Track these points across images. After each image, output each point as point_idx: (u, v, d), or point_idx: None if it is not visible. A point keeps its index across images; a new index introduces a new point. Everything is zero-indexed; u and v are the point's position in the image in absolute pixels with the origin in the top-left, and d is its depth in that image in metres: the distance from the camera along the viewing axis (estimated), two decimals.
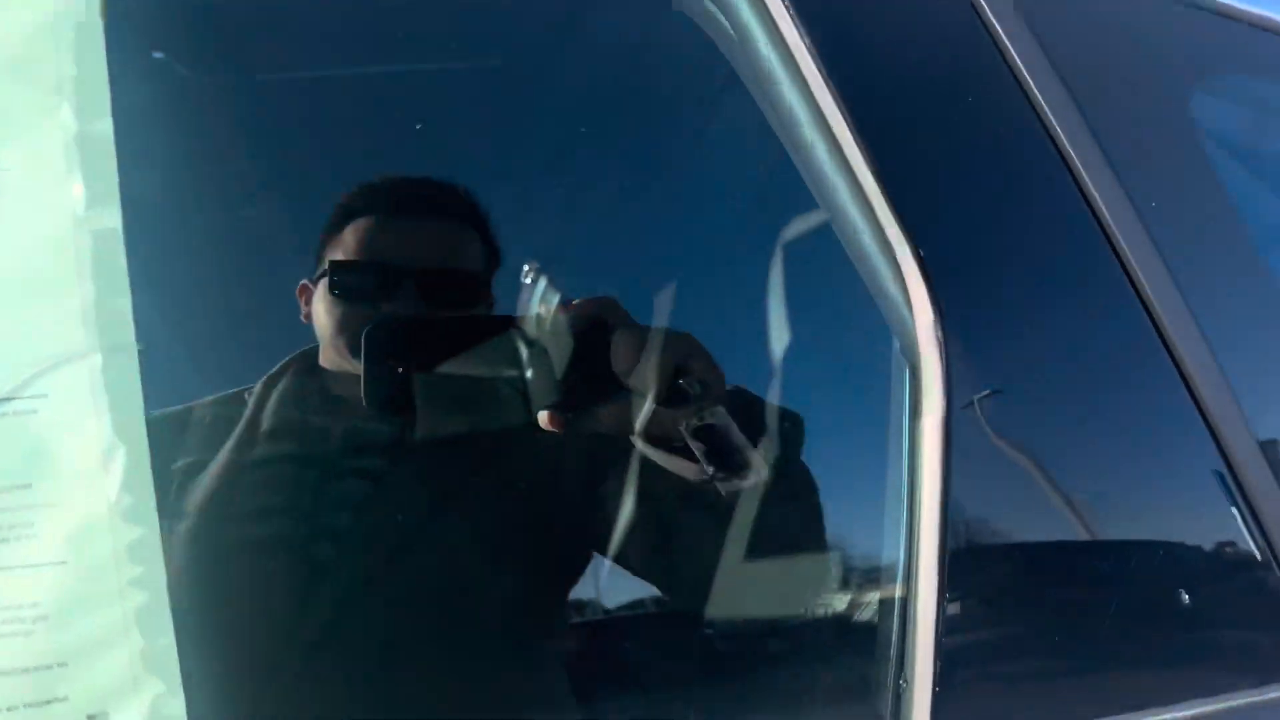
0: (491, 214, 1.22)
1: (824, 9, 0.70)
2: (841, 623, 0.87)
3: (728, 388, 0.87)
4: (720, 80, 0.78)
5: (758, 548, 0.88)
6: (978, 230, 0.70)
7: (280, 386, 1.24)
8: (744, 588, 0.91)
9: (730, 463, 0.83)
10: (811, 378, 0.82)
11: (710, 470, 0.82)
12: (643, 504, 1.01)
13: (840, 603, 0.91)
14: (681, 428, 0.83)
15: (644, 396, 0.83)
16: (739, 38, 0.75)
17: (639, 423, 0.85)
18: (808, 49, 0.67)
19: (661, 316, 0.89)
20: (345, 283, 1.12)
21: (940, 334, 0.62)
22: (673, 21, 0.83)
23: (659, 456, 0.87)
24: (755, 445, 0.85)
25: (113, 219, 0.56)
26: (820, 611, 0.92)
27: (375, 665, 1.02)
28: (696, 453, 0.82)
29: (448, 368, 0.81)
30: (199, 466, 1.14)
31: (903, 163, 0.67)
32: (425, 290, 1.11)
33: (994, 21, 0.75)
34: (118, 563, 0.56)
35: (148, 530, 0.56)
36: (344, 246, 1.15)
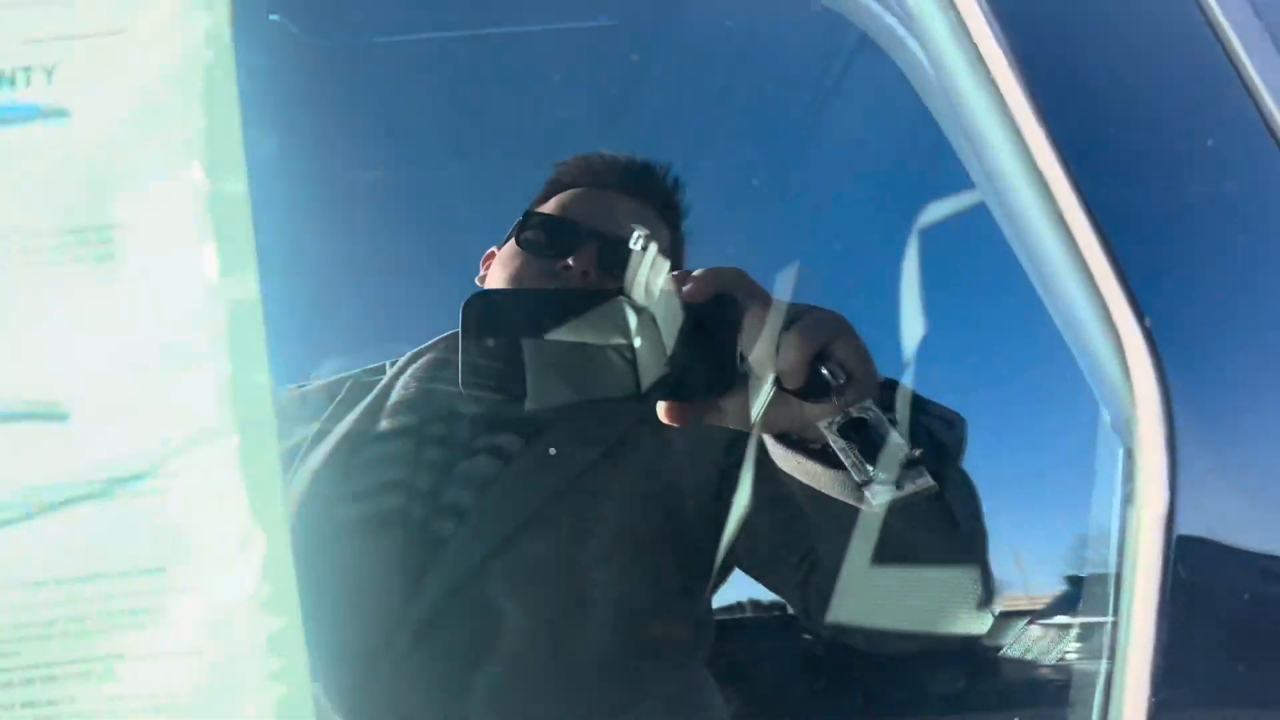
0: (689, 212, 1.21)
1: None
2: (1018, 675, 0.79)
3: (880, 379, 0.76)
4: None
5: (906, 572, 0.80)
6: (1219, 294, 0.60)
7: (424, 359, 1.22)
8: (888, 615, 0.83)
9: (882, 468, 0.72)
10: (995, 445, 0.73)
11: (857, 476, 0.72)
12: (773, 511, 0.94)
13: (1014, 648, 0.83)
14: (823, 425, 0.73)
15: (778, 385, 0.73)
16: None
17: (771, 416, 0.75)
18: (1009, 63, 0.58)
19: (803, 294, 0.78)
20: (533, 236, 1.15)
21: (1168, 418, 0.54)
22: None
23: (793, 459, 0.77)
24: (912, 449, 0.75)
25: (250, 288, 0.51)
26: (989, 652, 0.84)
27: (492, 660, 0.98)
28: (839, 454, 0.72)
29: (552, 346, 0.73)
30: (311, 437, 1.13)
31: (1120, 203, 0.58)
32: (605, 257, 1.11)
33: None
34: (256, 654, 0.52)
35: (289, 621, 0.52)
36: (544, 208, 1.18)
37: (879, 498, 0.71)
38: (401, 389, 1.16)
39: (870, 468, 0.71)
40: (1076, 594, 0.68)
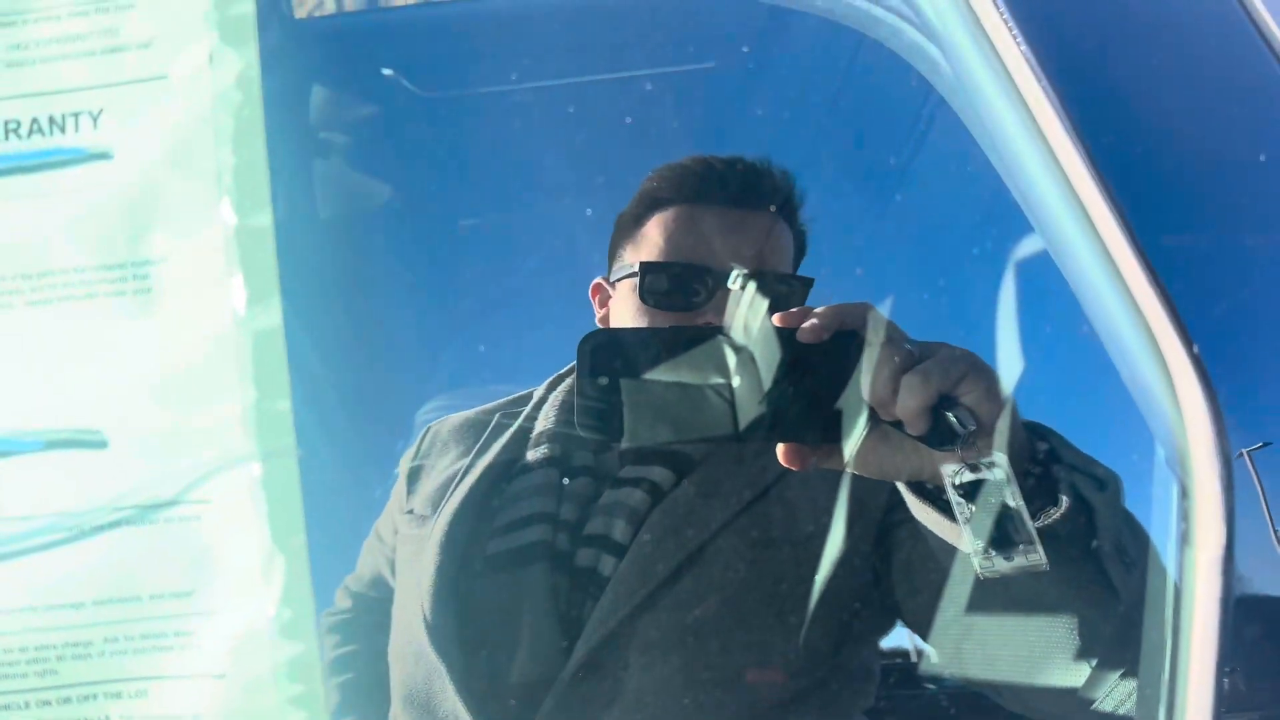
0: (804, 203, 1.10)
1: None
2: None
3: (1025, 425, 0.68)
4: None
5: (1058, 638, 0.74)
6: (1274, 318, 0.56)
7: (565, 384, 1.21)
8: (1038, 678, 0.77)
9: (995, 534, 0.64)
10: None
11: (966, 543, 0.66)
12: (930, 561, 0.89)
13: None
14: (946, 476, 0.66)
15: (901, 430, 0.67)
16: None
17: (897, 462, 0.70)
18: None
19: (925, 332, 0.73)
20: (658, 287, 1.04)
21: (1222, 452, 0.50)
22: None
23: (922, 508, 0.71)
24: (1046, 513, 0.67)
25: (273, 317, 0.53)
26: None
27: (653, 706, 0.96)
28: (956, 513, 0.66)
29: (651, 384, 0.70)
30: (461, 471, 1.13)
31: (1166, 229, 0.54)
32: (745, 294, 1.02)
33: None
34: (277, 679, 0.53)
35: (307, 647, 0.53)
36: (651, 243, 1.08)
37: (985, 566, 0.65)
38: (545, 419, 1.14)
39: (978, 535, 0.66)
40: (1135, 643, 0.63)
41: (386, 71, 1.93)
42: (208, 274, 0.53)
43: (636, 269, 1.05)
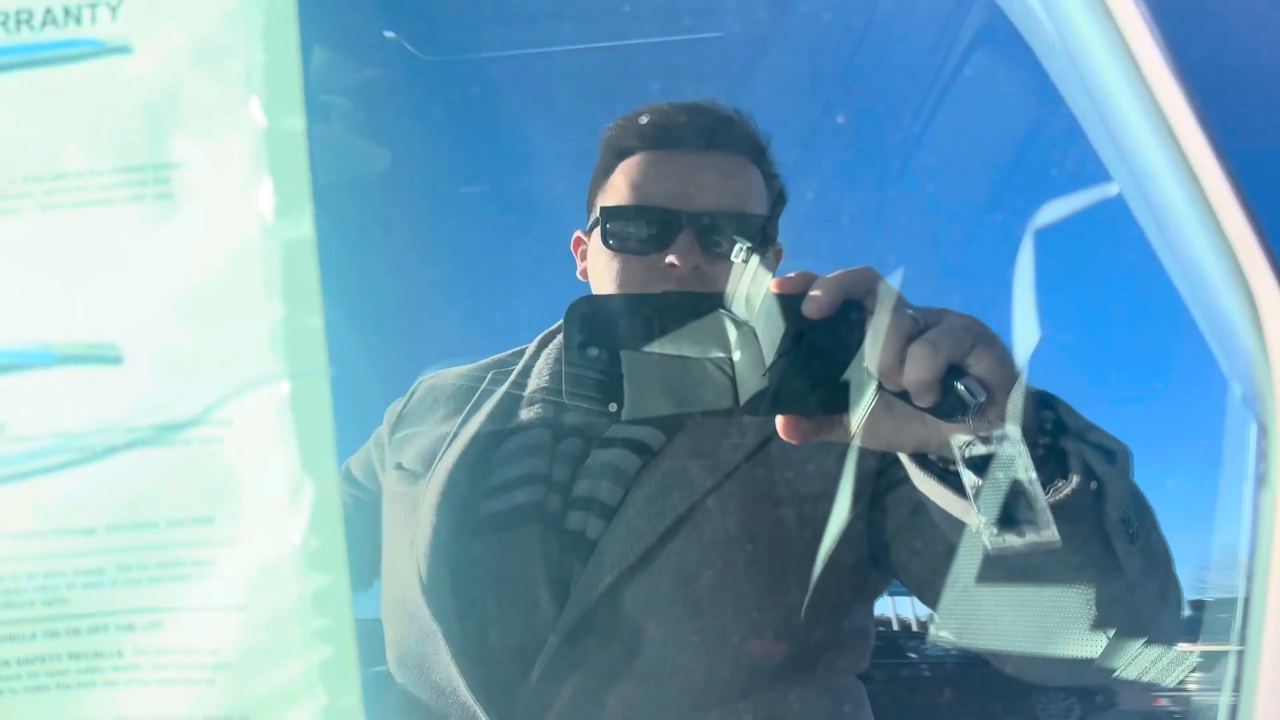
0: (773, 143, 1.09)
1: None
2: None
3: (1034, 395, 0.67)
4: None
5: (1057, 606, 0.73)
6: None
7: (555, 341, 1.18)
8: (1033, 645, 0.75)
9: (1006, 508, 0.62)
10: (1112, 416, 0.65)
11: (975, 517, 0.65)
12: (928, 524, 0.87)
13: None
14: (956, 446, 0.64)
15: (908, 401, 0.65)
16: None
17: (903, 434, 0.68)
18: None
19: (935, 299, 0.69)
20: (620, 231, 1.03)
21: None
22: None
23: (927, 481, 0.69)
24: (1056, 486, 0.66)
25: (305, 227, 0.49)
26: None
27: (645, 667, 0.93)
28: (967, 488, 0.63)
29: (651, 357, 0.67)
30: (454, 430, 1.10)
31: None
32: (705, 235, 1.02)
33: None
34: (302, 612, 0.50)
35: (335, 579, 0.50)
36: (615, 190, 1.08)
37: (996, 543, 0.63)
38: (537, 377, 1.12)
39: (988, 510, 0.63)
40: (1202, 602, 0.61)
41: (389, 34, 1.89)
42: (234, 179, 0.49)
43: (599, 214, 1.06)
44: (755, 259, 1.07)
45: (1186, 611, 0.74)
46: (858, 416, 0.68)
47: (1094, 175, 0.57)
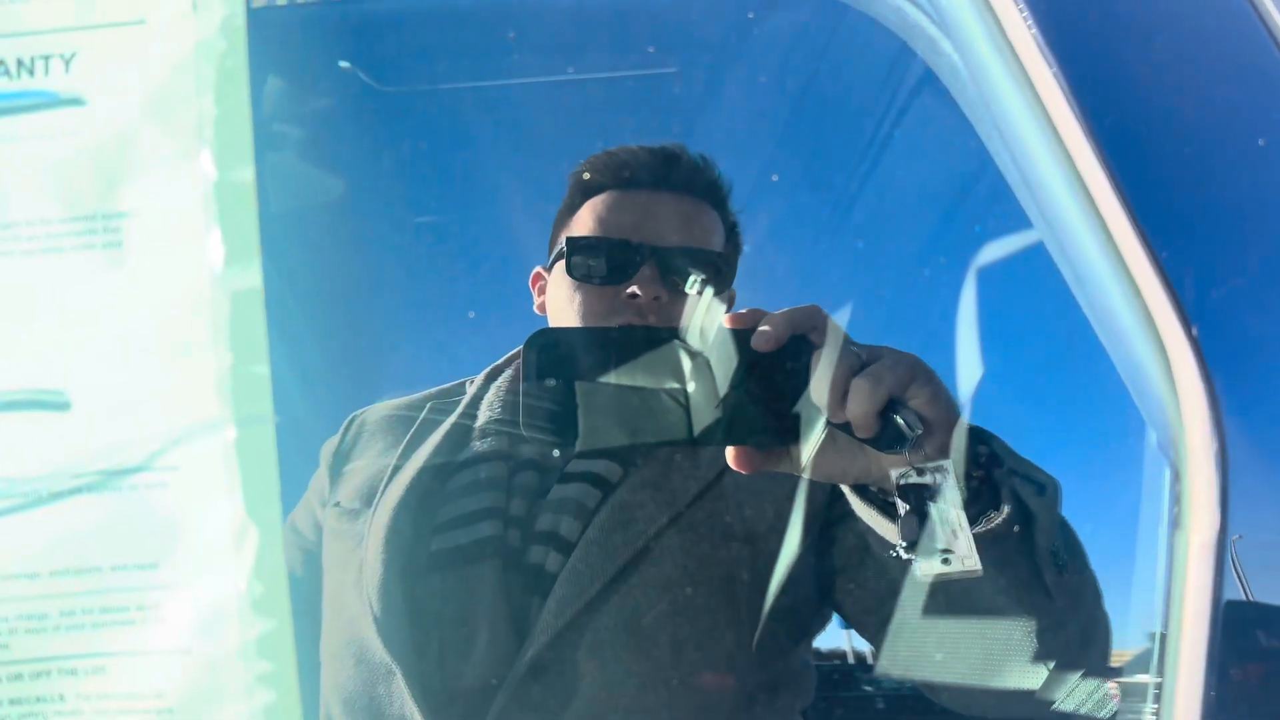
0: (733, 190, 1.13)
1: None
2: None
3: (968, 429, 0.69)
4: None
5: (991, 635, 0.74)
6: (1272, 302, 0.56)
7: (505, 375, 1.18)
8: (970, 678, 0.77)
9: (930, 540, 0.65)
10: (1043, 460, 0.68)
11: (900, 543, 0.67)
12: (869, 559, 0.88)
13: None
14: (894, 476, 0.66)
15: (849, 434, 0.68)
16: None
17: (844, 466, 0.70)
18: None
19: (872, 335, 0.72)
20: (583, 263, 1.06)
21: (1219, 434, 0.50)
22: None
23: (866, 509, 0.72)
24: (987, 516, 0.68)
25: (253, 277, 0.50)
26: None
27: (601, 705, 0.93)
28: (900, 515, 0.66)
29: (605, 387, 0.69)
30: (394, 463, 1.10)
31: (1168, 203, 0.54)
32: (667, 271, 1.05)
33: None
34: (245, 657, 0.50)
35: (279, 623, 0.50)
36: (581, 223, 1.10)
37: (924, 570, 0.65)
38: (488, 409, 1.12)
39: (917, 537, 0.66)
40: (1122, 632, 0.63)
41: (344, 64, 1.90)
42: (184, 229, 0.50)
43: (564, 246, 1.08)
44: (709, 290, 1.09)
45: (1113, 645, 0.77)
46: (807, 448, 0.70)
47: (1021, 231, 0.59)
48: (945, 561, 0.64)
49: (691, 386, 0.69)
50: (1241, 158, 0.55)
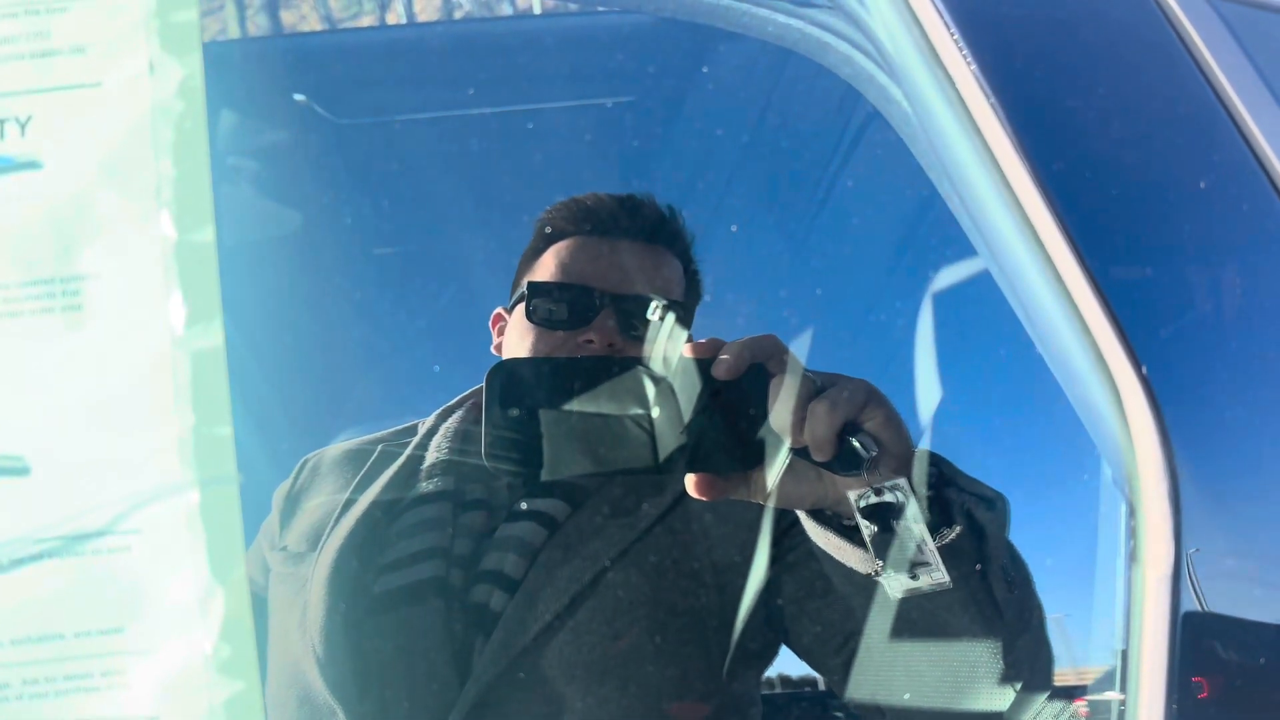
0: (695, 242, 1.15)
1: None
2: None
3: (919, 452, 0.71)
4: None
5: (944, 657, 0.75)
6: (1219, 340, 0.57)
7: (456, 416, 1.19)
8: (926, 699, 0.78)
9: (900, 555, 0.67)
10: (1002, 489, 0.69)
11: (876, 562, 0.69)
12: (820, 588, 0.89)
13: None
14: (852, 499, 0.68)
15: (807, 458, 0.69)
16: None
17: (803, 491, 0.72)
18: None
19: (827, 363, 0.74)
20: (543, 308, 1.09)
21: (1170, 470, 0.51)
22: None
23: (823, 534, 0.73)
24: (941, 533, 0.69)
25: (215, 338, 0.50)
26: None
27: None
28: (865, 536, 0.68)
29: (569, 416, 0.70)
30: (342, 504, 1.09)
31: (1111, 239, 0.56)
32: (625, 317, 1.07)
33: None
34: None
35: (247, 685, 0.50)
36: (544, 268, 1.13)
37: (892, 587, 0.67)
38: (436, 450, 1.12)
39: (885, 555, 0.67)
40: (1086, 652, 0.64)
41: (299, 97, 1.89)
42: (144, 291, 0.50)
43: (525, 290, 1.10)
44: (671, 316, 1.10)
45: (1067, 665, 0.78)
46: (770, 474, 0.71)
47: (975, 270, 0.61)
48: (914, 577, 0.66)
49: (656, 413, 0.70)
50: (1183, 200, 0.57)
